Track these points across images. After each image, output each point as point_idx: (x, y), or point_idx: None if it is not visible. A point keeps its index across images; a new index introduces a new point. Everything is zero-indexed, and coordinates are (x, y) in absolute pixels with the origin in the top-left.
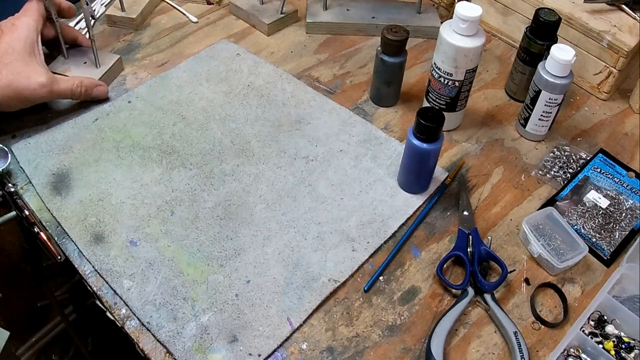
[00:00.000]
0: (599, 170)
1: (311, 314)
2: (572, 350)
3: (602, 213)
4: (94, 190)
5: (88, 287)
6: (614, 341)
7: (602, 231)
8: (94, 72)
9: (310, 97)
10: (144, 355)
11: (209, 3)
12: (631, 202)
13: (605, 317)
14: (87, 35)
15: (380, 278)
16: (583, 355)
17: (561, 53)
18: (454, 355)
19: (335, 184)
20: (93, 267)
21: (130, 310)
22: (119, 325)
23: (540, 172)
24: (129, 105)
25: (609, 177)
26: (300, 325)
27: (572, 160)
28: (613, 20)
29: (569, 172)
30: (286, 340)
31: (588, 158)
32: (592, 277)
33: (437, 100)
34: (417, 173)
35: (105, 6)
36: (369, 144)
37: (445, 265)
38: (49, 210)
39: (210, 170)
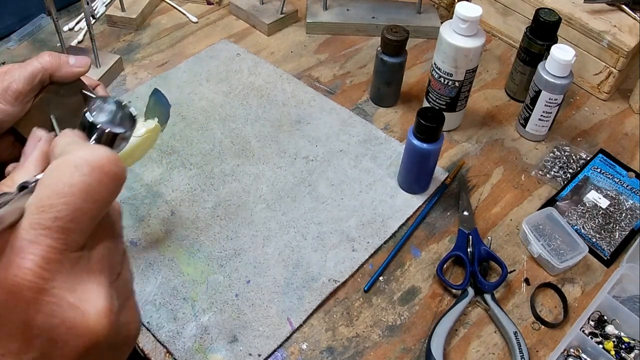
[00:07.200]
0: (599, 170)
1: (311, 314)
2: (572, 350)
3: (602, 213)
4: None
5: None
6: (614, 341)
7: (602, 231)
8: (94, 72)
9: (310, 97)
10: (144, 355)
11: (209, 3)
12: (631, 202)
13: (605, 317)
14: (88, 35)
15: (380, 278)
16: (583, 355)
17: (561, 53)
18: (454, 355)
19: (335, 184)
20: None
21: None
22: None
23: (540, 172)
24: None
25: (609, 177)
26: (300, 325)
27: (572, 161)
28: (613, 20)
29: (569, 172)
30: (286, 340)
31: (588, 158)
32: (592, 277)
33: (437, 100)
34: (417, 173)
35: (106, 6)
36: (369, 144)
37: (445, 265)
38: None
39: (210, 171)
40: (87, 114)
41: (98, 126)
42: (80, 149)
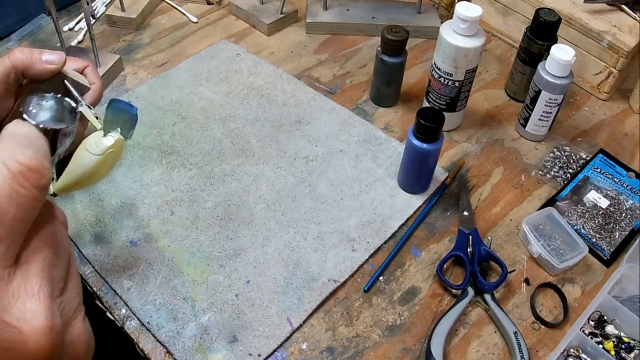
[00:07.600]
0: (599, 170)
1: (311, 314)
2: (572, 350)
3: (602, 213)
4: (93, 190)
5: (88, 287)
6: (614, 341)
7: (602, 231)
8: None
9: (310, 97)
10: (144, 355)
11: (209, 3)
12: (631, 202)
13: (605, 317)
14: (88, 35)
15: (380, 278)
16: (583, 356)
17: (561, 53)
18: (454, 355)
19: (335, 184)
20: (93, 267)
21: (130, 310)
22: (119, 325)
23: (540, 172)
24: None
25: (609, 177)
26: (300, 326)
27: (572, 160)
28: (613, 20)
29: (569, 172)
30: (286, 340)
31: (588, 158)
32: (592, 277)
33: (437, 100)
34: (417, 173)
35: (106, 6)
36: (369, 144)
37: (445, 265)
38: None
39: (210, 171)
40: (24, 115)
41: (40, 126)
42: (3, 151)
